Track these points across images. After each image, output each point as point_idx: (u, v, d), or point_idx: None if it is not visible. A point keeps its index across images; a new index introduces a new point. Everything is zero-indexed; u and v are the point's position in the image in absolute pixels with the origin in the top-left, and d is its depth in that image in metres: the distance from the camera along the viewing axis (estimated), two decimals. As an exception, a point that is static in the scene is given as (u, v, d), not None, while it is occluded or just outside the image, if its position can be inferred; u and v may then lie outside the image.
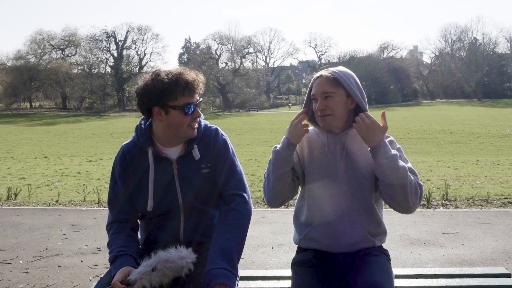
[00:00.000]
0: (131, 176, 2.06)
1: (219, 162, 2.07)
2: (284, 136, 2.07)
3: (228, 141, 2.13)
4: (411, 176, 1.95)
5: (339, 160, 2.06)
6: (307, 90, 2.16)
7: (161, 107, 1.96)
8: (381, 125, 1.97)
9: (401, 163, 1.93)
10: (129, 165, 2.06)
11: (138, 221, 2.17)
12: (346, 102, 2.04)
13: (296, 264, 2.10)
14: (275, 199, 2.10)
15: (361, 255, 2.06)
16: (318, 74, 2.10)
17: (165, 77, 1.94)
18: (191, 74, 1.99)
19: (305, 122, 2.10)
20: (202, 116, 2.11)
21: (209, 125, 2.14)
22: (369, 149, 1.98)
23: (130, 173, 2.06)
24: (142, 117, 2.13)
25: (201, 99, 2.07)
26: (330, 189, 2.06)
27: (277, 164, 2.03)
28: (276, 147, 2.07)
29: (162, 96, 1.94)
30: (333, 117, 2.04)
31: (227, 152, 2.09)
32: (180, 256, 1.84)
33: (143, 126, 2.10)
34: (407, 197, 1.93)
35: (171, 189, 2.04)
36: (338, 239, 2.06)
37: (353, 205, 2.05)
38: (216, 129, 2.13)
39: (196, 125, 2.06)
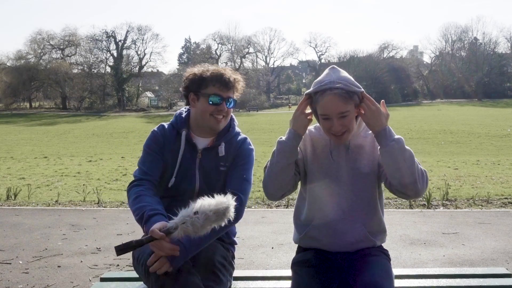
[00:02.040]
0: (162, 150, 2.21)
1: (235, 163, 2.19)
2: (289, 127, 2.04)
3: (253, 152, 2.27)
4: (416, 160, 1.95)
5: (342, 161, 2.06)
6: (311, 91, 2.02)
7: (195, 93, 2.18)
8: None
9: (407, 146, 1.93)
10: (163, 139, 2.22)
11: None
12: (355, 112, 2.00)
13: (296, 264, 2.10)
14: (276, 190, 2.05)
15: (361, 255, 2.05)
16: (326, 87, 1.94)
17: (207, 69, 2.19)
18: (228, 71, 2.20)
19: (307, 110, 2.06)
20: (237, 122, 2.30)
21: (241, 133, 2.30)
22: (373, 135, 1.97)
23: (162, 147, 2.21)
24: (181, 108, 2.37)
25: (233, 98, 2.23)
26: (331, 189, 2.06)
27: (282, 155, 2.00)
28: (281, 138, 2.04)
29: (197, 83, 2.17)
30: (348, 133, 2.01)
31: (247, 159, 2.22)
32: (221, 200, 1.77)
33: (183, 112, 2.31)
34: (415, 180, 1.90)
35: (191, 174, 2.17)
36: (338, 238, 2.06)
37: (354, 204, 2.05)
38: (246, 138, 2.28)
39: (221, 118, 2.18)
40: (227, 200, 1.78)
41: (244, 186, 2.15)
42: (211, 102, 2.14)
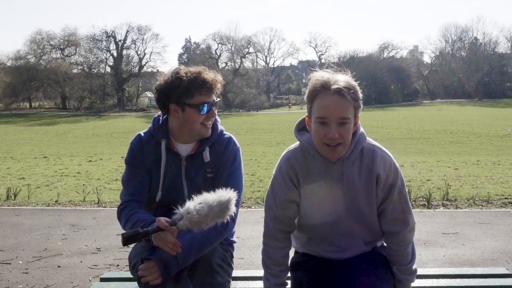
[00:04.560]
0: (144, 163, 2.13)
1: (223, 171, 2.11)
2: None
3: (239, 152, 2.17)
4: (414, 256, 1.99)
5: (339, 191, 1.86)
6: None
7: (178, 104, 2.03)
8: None
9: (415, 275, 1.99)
10: (143, 152, 2.13)
11: None
12: (353, 123, 1.78)
13: (296, 264, 2.09)
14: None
15: (360, 256, 2.03)
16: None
17: (184, 75, 2.01)
18: (209, 74, 2.04)
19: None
20: (219, 120, 2.18)
21: (224, 132, 2.19)
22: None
23: (143, 160, 2.12)
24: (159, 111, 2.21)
25: (218, 99, 2.12)
26: (329, 217, 1.92)
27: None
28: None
29: (179, 93, 2.01)
30: (343, 147, 1.76)
31: (234, 164, 2.12)
32: (223, 193, 1.76)
33: (160, 118, 2.16)
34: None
35: (178, 183, 2.10)
36: (338, 254, 2.03)
37: (354, 229, 1.97)
38: (230, 138, 2.17)
39: (210, 124, 2.10)
40: (228, 193, 1.77)
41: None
42: (203, 112, 2.03)
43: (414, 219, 1.95)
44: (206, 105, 2.04)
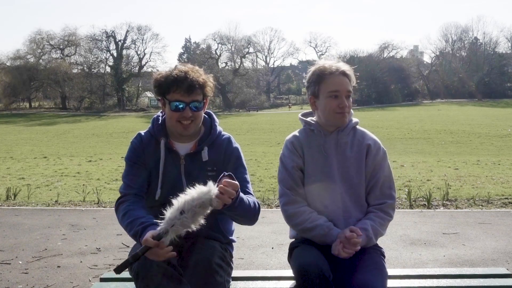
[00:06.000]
0: (144, 161, 2.17)
1: (228, 168, 2.11)
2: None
3: (240, 150, 2.22)
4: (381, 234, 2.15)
5: (333, 157, 2.17)
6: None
7: (163, 98, 2.12)
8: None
9: (375, 237, 2.12)
10: (144, 151, 2.17)
11: None
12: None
13: (294, 244, 2.21)
14: None
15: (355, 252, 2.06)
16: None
17: (169, 70, 2.08)
18: (192, 74, 2.05)
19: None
20: (218, 121, 2.24)
21: (223, 132, 2.23)
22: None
23: (143, 158, 2.17)
24: (160, 110, 2.27)
25: (200, 101, 2.11)
26: (325, 186, 2.13)
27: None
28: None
29: (161, 88, 2.10)
30: (348, 115, 2.20)
31: (238, 159, 2.18)
32: (203, 191, 1.74)
33: (160, 118, 2.21)
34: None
35: (178, 182, 2.12)
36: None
37: (346, 200, 2.13)
38: (229, 138, 2.22)
39: (188, 123, 2.10)
40: (209, 189, 1.74)
41: (249, 187, 2.16)
42: (173, 109, 2.07)
43: (395, 203, 2.20)
44: (178, 103, 2.07)
